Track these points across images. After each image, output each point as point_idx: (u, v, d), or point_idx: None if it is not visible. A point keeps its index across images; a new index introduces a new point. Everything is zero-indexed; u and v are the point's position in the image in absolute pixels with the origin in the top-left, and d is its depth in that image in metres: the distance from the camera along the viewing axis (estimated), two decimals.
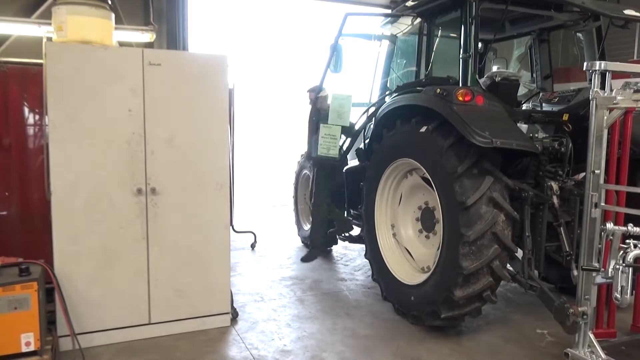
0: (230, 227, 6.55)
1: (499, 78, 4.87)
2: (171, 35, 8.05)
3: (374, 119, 5.42)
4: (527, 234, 4.26)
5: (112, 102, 3.89)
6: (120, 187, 3.96)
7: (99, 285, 3.95)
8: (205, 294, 4.32)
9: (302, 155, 7.38)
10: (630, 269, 3.47)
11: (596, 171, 3.69)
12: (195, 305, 4.30)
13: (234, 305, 4.69)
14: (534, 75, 5.91)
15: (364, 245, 5.42)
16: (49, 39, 4.01)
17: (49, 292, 3.80)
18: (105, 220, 3.93)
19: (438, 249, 4.35)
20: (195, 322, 4.30)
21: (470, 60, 4.59)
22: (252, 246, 7.20)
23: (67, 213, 3.82)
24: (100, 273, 3.95)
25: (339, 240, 6.80)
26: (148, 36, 6.85)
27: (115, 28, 4.32)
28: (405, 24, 5.78)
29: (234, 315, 4.56)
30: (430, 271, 4.40)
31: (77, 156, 3.82)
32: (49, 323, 3.83)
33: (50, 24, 4.16)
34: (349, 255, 6.98)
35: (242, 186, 11.96)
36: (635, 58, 10.68)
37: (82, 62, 3.79)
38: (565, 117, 4.75)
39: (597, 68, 3.68)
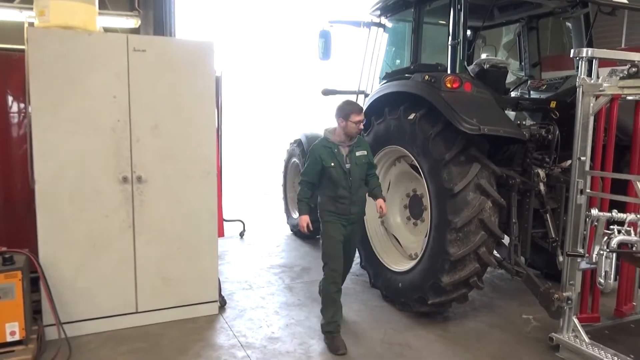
0: None
1: (488, 65, 4.86)
2: (158, 22, 7.92)
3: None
4: (513, 220, 4.29)
5: (97, 88, 3.83)
6: (105, 175, 3.91)
7: (85, 274, 3.92)
8: (193, 282, 4.31)
9: (291, 143, 7.34)
10: (614, 255, 3.51)
11: (582, 158, 3.72)
12: (183, 293, 4.29)
13: (222, 293, 4.69)
14: (523, 62, 5.91)
15: None
16: (31, 25, 3.93)
17: (34, 281, 3.77)
18: (90, 209, 3.89)
19: (426, 236, 4.38)
20: (183, 310, 4.30)
21: (458, 47, 4.58)
22: (241, 234, 7.19)
23: (52, 201, 3.78)
24: (86, 261, 3.92)
25: None
26: (133, 22, 6.74)
27: (99, 13, 4.25)
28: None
29: (222, 303, 4.56)
30: (418, 258, 4.42)
31: (62, 144, 3.77)
32: (34, 312, 3.80)
33: (32, 8, 4.08)
34: None
35: (231, 174, 11.93)
36: (623, 46, 10.74)
37: (65, 48, 3.72)
38: (553, 104, 4.77)
39: (583, 55, 3.69)
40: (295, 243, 6.91)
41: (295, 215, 7.25)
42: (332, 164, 3.85)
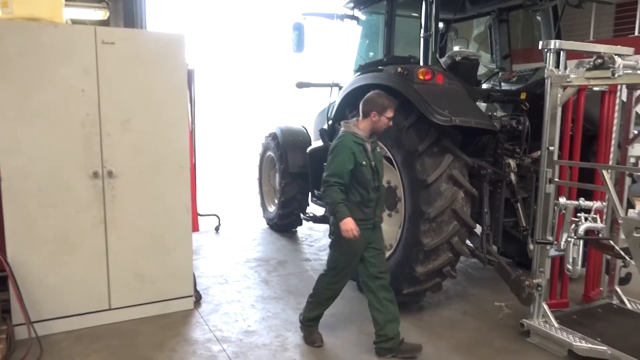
0: None
1: (459, 57, 4.93)
2: (128, 14, 7.80)
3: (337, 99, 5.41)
4: (485, 210, 4.37)
5: (64, 82, 3.74)
6: (75, 170, 3.84)
7: (56, 271, 3.84)
8: (168, 277, 4.26)
9: (266, 137, 7.31)
10: (581, 242, 3.61)
11: (550, 148, 3.80)
12: (157, 289, 4.24)
13: (198, 288, 4.66)
14: (493, 55, 5.99)
15: (328, 225, 5.43)
16: None
17: (3, 280, 3.68)
18: (60, 205, 3.81)
19: (400, 227, 4.42)
20: (157, 306, 4.25)
21: (430, 40, 4.62)
22: (217, 229, 7.14)
23: (20, 197, 3.68)
24: (57, 259, 3.84)
25: (303, 221, 6.83)
26: (101, 13, 6.61)
27: (66, 5, 4.15)
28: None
29: (197, 298, 4.53)
30: (392, 249, 4.46)
31: (29, 139, 3.67)
32: (3, 312, 3.71)
33: None
34: (313, 235, 7.01)
35: (207, 168, 11.82)
36: (591, 38, 10.98)
37: (30, 41, 3.61)
38: (523, 95, 4.85)
39: (551, 47, 3.76)
40: (271, 237, 6.90)
41: (271, 208, 7.25)
42: (364, 162, 3.46)
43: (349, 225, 3.38)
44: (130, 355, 3.62)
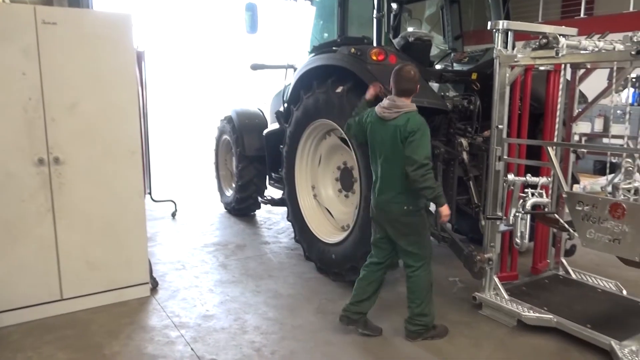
0: (148, 196, 6.41)
1: (412, 38, 4.96)
2: None
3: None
4: None
5: (1, 65, 3.54)
6: (18, 157, 3.67)
7: (2, 263, 3.70)
8: (122, 265, 4.17)
9: (221, 120, 7.20)
10: (529, 216, 3.76)
11: (499, 126, 3.91)
12: (112, 277, 4.15)
13: (154, 274, 4.59)
14: (446, 36, 6.08)
15: (286, 208, 5.45)
16: None
17: None
18: (3, 194, 3.65)
19: (356, 208, 4.47)
20: (112, 294, 4.17)
21: (383, 20, 4.64)
22: (173, 215, 7.02)
23: None
24: (3, 250, 3.70)
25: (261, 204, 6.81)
26: None
27: None
28: None
29: (154, 284, 4.46)
30: (350, 229, 4.52)
31: None
32: None
33: None
34: (272, 218, 7.00)
35: (160, 153, 11.58)
36: (540, 20, 11.30)
37: None
38: (474, 76, 4.94)
39: (499, 27, 3.85)
40: (229, 221, 6.85)
41: (229, 192, 7.18)
42: None
43: (448, 210, 3.42)
44: (84, 345, 3.54)
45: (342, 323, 3.74)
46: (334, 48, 4.71)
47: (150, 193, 6.54)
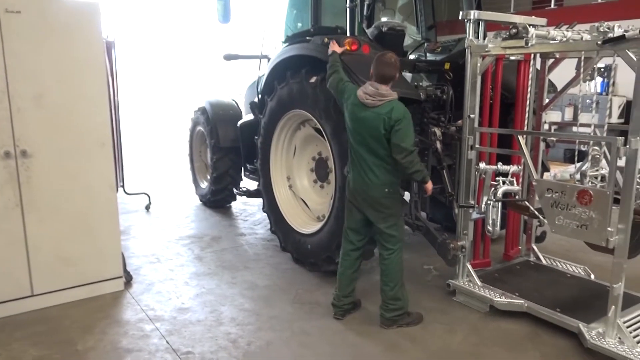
0: (121, 188, 6.30)
1: (386, 28, 4.97)
2: None
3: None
4: None
5: None
6: None
7: None
8: (95, 259, 4.11)
9: (195, 111, 7.11)
10: (500, 204, 3.82)
11: (471, 115, 3.95)
12: (84, 271, 4.08)
13: (128, 268, 4.53)
14: (419, 26, 6.10)
15: (262, 199, 5.43)
16: None
17: None
18: None
19: (332, 198, 4.48)
20: (85, 289, 4.10)
21: (357, 10, 4.63)
22: (147, 208, 6.93)
23: None
24: None
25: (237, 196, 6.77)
26: None
27: None
28: None
29: (128, 278, 4.41)
30: (325, 219, 4.53)
31: None
32: None
33: None
34: (248, 210, 6.97)
35: (134, 145, 11.40)
36: (512, 11, 11.44)
37: None
38: (447, 66, 4.98)
39: (471, 17, 3.88)
40: (204, 213, 6.79)
41: (204, 184, 7.12)
42: None
43: (431, 184, 3.69)
44: (57, 341, 3.48)
45: (339, 318, 3.80)
46: (307, 38, 4.69)
47: (123, 186, 6.44)
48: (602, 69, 8.54)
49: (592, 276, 4.28)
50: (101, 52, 3.98)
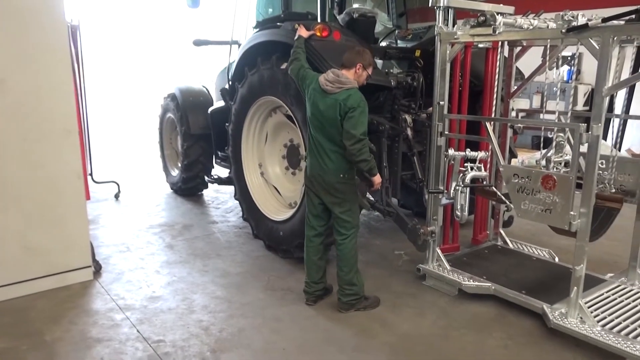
0: (89, 177, 6.17)
1: (357, 15, 4.95)
2: None
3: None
4: (384, 164, 4.53)
5: None
6: None
7: None
8: (62, 249, 4.04)
9: (165, 98, 6.99)
10: (468, 189, 3.90)
11: (441, 102, 4.00)
12: (51, 261, 4.01)
13: (97, 257, 4.46)
14: (390, 13, 6.11)
15: (234, 187, 5.40)
16: None
17: None
18: None
19: (303, 185, 4.47)
20: (53, 279, 4.03)
21: None
22: (116, 196, 6.81)
23: None
24: None
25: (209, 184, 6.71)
26: None
27: None
28: None
29: (97, 268, 4.34)
30: (297, 206, 4.54)
31: None
32: None
33: None
34: (220, 198, 6.93)
35: (102, 133, 11.16)
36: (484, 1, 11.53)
37: None
38: (417, 53, 5.01)
39: (440, 4, 3.90)
40: (175, 201, 6.72)
41: (175, 172, 7.03)
42: None
43: (379, 178, 3.68)
44: (24, 332, 3.41)
45: (311, 304, 3.84)
46: (278, 24, 4.65)
47: (91, 174, 6.31)
48: (569, 57, 8.71)
49: (557, 259, 4.42)
50: (65, 37, 3.87)
